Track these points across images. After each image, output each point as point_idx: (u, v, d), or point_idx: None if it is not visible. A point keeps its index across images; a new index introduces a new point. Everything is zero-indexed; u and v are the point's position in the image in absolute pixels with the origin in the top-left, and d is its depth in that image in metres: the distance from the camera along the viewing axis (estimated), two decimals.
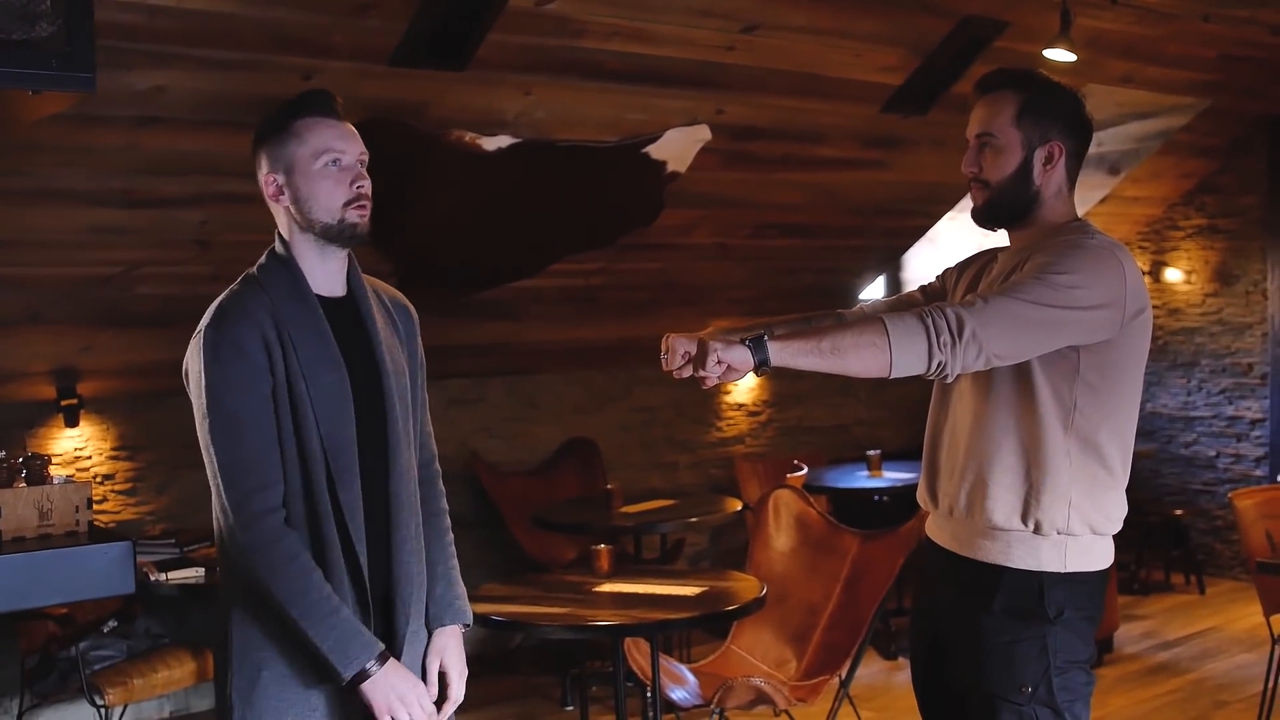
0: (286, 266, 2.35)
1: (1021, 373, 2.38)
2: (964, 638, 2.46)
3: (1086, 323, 2.31)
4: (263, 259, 2.40)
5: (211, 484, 2.32)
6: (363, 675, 2.24)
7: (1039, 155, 2.44)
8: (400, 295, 2.59)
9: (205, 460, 2.31)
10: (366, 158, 2.38)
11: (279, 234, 2.40)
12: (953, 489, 2.48)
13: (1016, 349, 2.29)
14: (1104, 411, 2.39)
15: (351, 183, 2.33)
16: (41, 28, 2.73)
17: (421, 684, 2.34)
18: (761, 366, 2.19)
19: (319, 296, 2.37)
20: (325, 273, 2.39)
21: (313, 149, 2.31)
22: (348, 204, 2.32)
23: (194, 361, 2.30)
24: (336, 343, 2.33)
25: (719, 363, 2.18)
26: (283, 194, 2.35)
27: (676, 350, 2.23)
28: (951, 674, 2.52)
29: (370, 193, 2.36)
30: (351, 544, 2.30)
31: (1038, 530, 2.39)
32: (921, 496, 2.62)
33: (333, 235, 2.34)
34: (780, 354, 2.20)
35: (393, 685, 2.27)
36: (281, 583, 2.23)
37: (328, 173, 2.32)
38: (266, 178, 2.36)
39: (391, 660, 2.29)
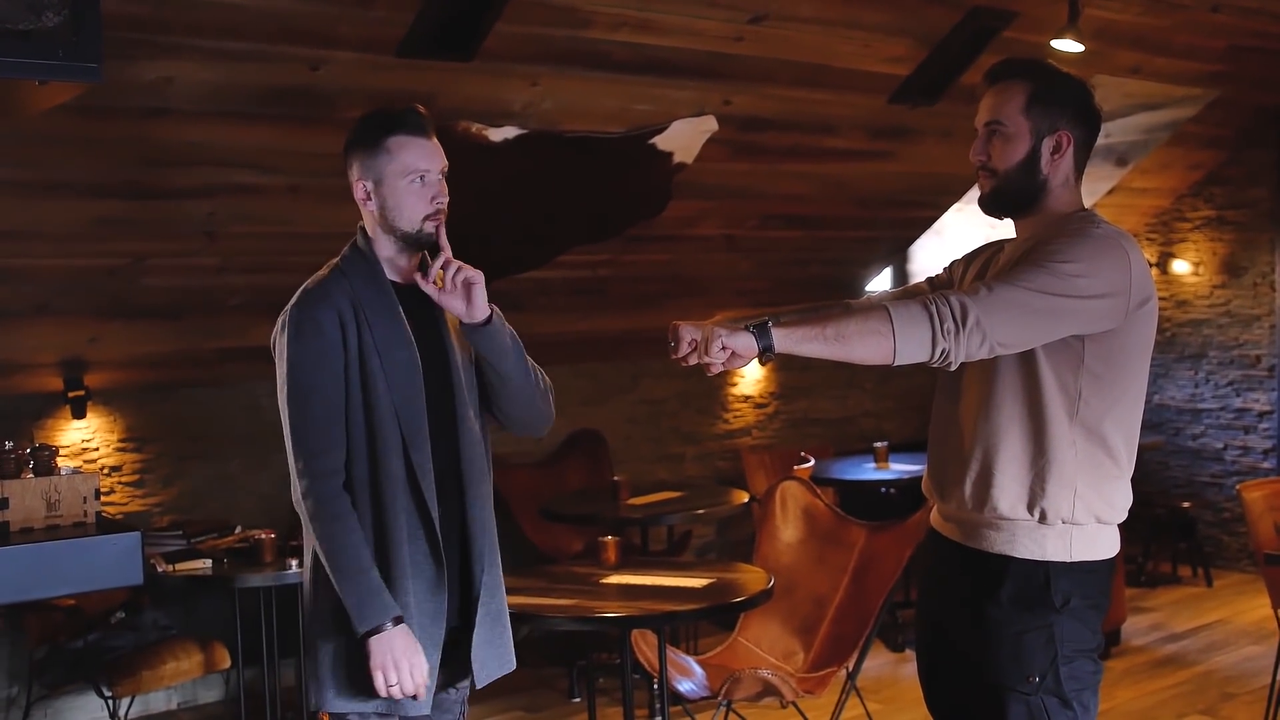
0: (366, 258, 2.62)
1: (1026, 362, 2.37)
2: (970, 628, 2.45)
3: (1091, 312, 2.30)
4: (346, 250, 2.65)
5: (287, 447, 2.56)
6: (375, 630, 2.46)
7: (1047, 144, 2.43)
8: None
9: (283, 425, 2.56)
10: (447, 168, 2.62)
11: (362, 227, 2.65)
12: (958, 479, 2.47)
13: (1020, 337, 2.29)
14: (1109, 401, 2.38)
15: (432, 198, 2.57)
16: (48, 18, 2.73)
17: (423, 659, 2.52)
18: (766, 353, 2.20)
19: (394, 283, 2.62)
20: (401, 265, 2.64)
21: (401, 167, 2.56)
22: (426, 217, 2.58)
23: (279, 337, 2.58)
24: (409, 324, 2.59)
25: (723, 349, 2.20)
26: (370, 200, 2.59)
27: (683, 338, 2.24)
28: (957, 665, 2.52)
29: (446, 204, 2.60)
30: (424, 499, 2.55)
31: (1043, 520, 2.38)
32: (926, 487, 2.61)
33: (410, 241, 2.60)
34: (784, 341, 2.21)
35: (395, 646, 2.47)
36: (326, 537, 2.49)
37: (412, 189, 2.56)
38: (357, 183, 2.60)
39: (403, 626, 2.49)
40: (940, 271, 2.74)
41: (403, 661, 2.48)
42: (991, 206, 2.51)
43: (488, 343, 2.62)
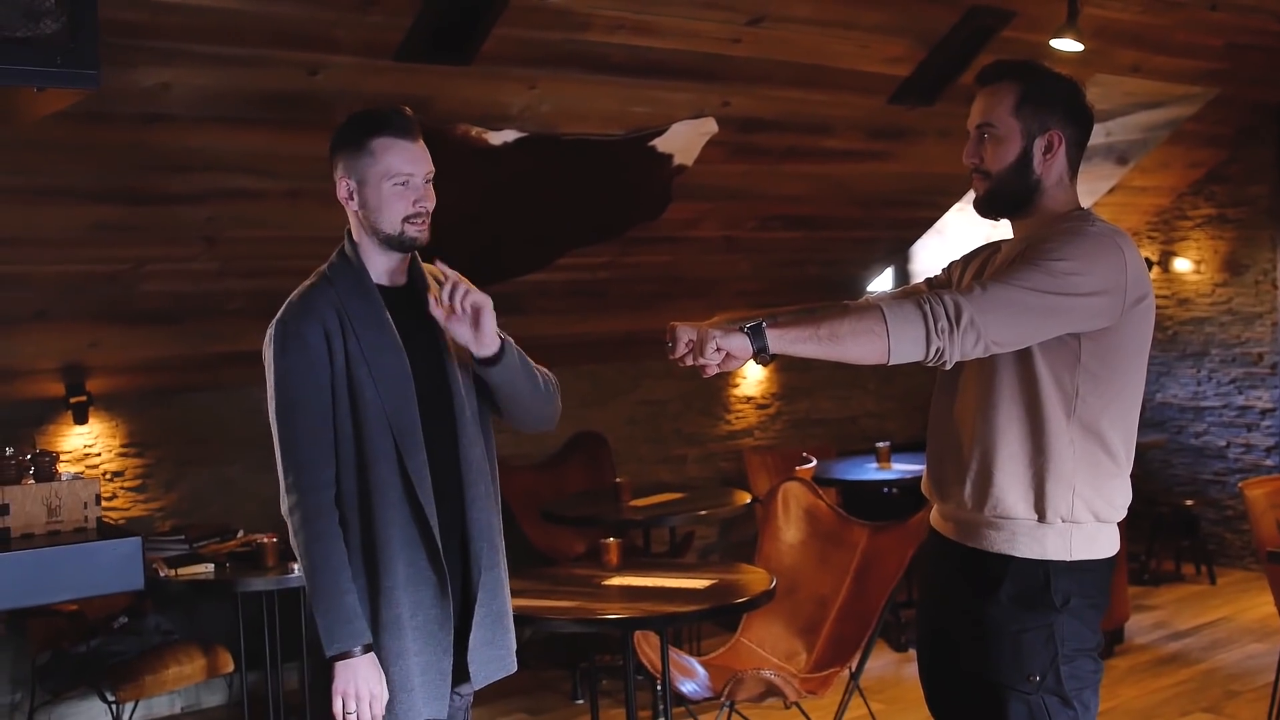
0: (351, 264, 2.60)
1: (1023, 361, 2.37)
2: (971, 628, 2.45)
3: (1085, 309, 2.31)
4: (333, 257, 2.63)
5: (277, 461, 2.57)
6: (342, 655, 2.47)
7: (1039, 145, 2.44)
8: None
9: (274, 439, 2.57)
10: (433, 173, 2.60)
11: (349, 231, 2.64)
12: (957, 479, 2.47)
13: (1015, 336, 2.29)
14: (1106, 399, 2.38)
15: (414, 201, 2.55)
16: (46, 25, 2.73)
17: (385, 691, 2.51)
18: (760, 354, 2.21)
19: (382, 287, 2.60)
20: (388, 267, 2.62)
21: (384, 169, 2.54)
22: (407, 219, 2.55)
23: (267, 350, 2.57)
24: (398, 328, 2.57)
25: (718, 350, 2.20)
26: (353, 199, 2.58)
27: (679, 338, 2.25)
28: (958, 664, 2.52)
29: (431, 208, 2.59)
30: (420, 506, 2.52)
31: (1043, 519, 2.38)
32: (926, 487, 2.61)
33: (392, 244, 2.58)
34: (779, 341, 2.22)
35: (359, 675, 2.48)
36: (306, 554, 2.50)
37: (395, 191, 2.54)
38: (340, 181, 2.58)
39: (370, 656, 2.50)
40: (939, 272, 2.74)
41: (364, 692, 2.48)
42: (986, 208, 2.51)
43: (500, 376, 2.59)
